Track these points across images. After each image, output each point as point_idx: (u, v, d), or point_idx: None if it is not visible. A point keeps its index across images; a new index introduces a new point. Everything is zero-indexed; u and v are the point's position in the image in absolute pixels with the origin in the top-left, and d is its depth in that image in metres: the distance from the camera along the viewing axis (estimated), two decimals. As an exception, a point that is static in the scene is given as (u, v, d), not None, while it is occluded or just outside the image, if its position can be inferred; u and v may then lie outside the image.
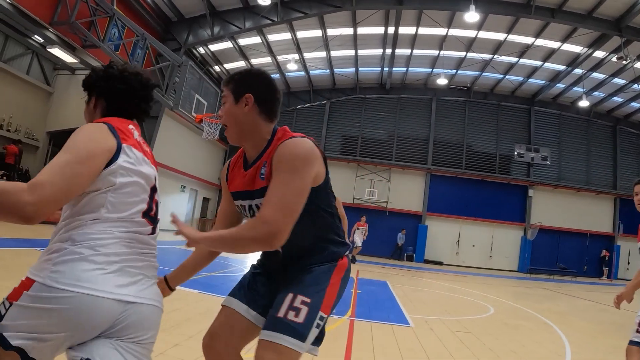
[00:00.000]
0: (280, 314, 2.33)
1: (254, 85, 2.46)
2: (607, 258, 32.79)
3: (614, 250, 32.87)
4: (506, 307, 12.02)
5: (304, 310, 2.35)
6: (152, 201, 2.18)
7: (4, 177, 19.30)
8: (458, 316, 9.51)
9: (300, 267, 2.54)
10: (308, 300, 2.37)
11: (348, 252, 2.66)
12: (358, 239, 23.10)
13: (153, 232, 2.18)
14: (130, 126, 2.24)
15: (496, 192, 33.98)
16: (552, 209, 33.61)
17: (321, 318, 2.39)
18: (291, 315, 2.31)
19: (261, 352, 2.27)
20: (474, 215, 33.49)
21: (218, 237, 2.25)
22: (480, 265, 32.70)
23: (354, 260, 22.95)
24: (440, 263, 31.82)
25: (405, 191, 33.97)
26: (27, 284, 1.86)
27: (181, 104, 15.43)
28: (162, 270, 2.49)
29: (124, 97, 2.31)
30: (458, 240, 33.39)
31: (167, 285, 2.75)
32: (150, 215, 2.16)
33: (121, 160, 2.03)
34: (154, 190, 2.21)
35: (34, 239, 11.95)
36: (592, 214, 33.90)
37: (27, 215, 1.69)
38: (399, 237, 31.87)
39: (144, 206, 2.12)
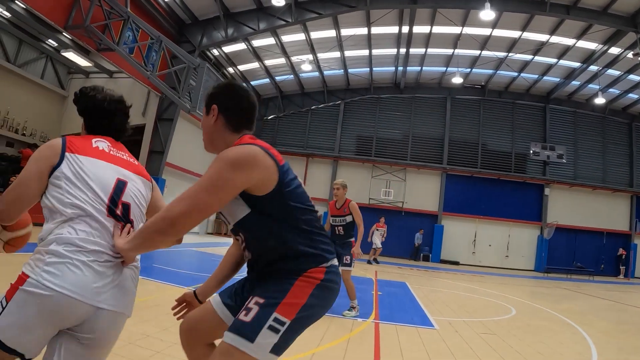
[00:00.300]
0: (237, 316, 2.33)
1: (220, 97, 2.56)
2: (623, 257, 32.41)
3: (631, 249, 32.54)
4: (527, 308, 11.89)
5: (254, 309, 2.29)
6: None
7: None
8: (481, 317, 9.43)
9: (267, 275, 2.48)
10: (261, 300, 2.31)
11: (326, 265, 2.45)
12: (377, 240, 23.15)
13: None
14: (98, 142, 2.60)
15: (512, 191, 33.78)
16: (568, 208, 33.36)
17: (278, 321, 2.27)
18: (242, 315, 2.28)
19: (215, 350, 2.34)
20: (490, 215, 33.29)
21: (133, 239, 2.29)
22: (496, 265, 32.51)
23: (376, 262, 22.95)
24: (456, 263, 31.67)
25: (420, 191, 33.85)
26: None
27: (198, 106, 15.30)
28: (184, 275, 2.51)
29: (91, 116, 2.74)
30: (474, 240, 33.18)
31: (197, 299, 2.89)
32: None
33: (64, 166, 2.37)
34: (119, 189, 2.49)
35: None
36: (608, 213, 33.56)
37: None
38: (416, 237, 31.69)
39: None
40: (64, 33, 18.55)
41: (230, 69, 29.31)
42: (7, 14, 19.61)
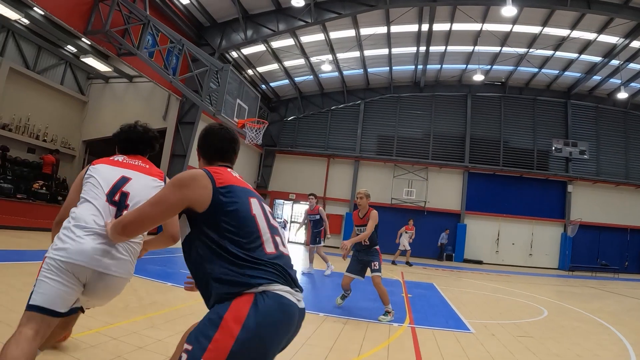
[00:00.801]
0: None
1: (199, 140, 3.15)
2: (648, 254, 31.95)
3: (656, 246, 32.06)
4: (557, 308, 11.74)
5: (183, 358, 2.24)
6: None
7: (43, 187, 19.42)
8: (514, 319, 9.34)
9: (208, 306, 2.52)
10: (189, 347, 2.24)
11: (254, 291, 2.35)
12: (405, 241, 23.35)
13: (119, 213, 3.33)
14: (117, 157, 3.74)
15: (535, 189, 33.41)
16: (591, 205, 32.91)
17: None
18: None
19: None
20: (513, 213, 32.96)
21: (109, 229, 3.03)
22: (520, 264, 32.20)
23: (409, 264, 23.20)
24: (480, 262, 31.44)
25: (443, 190, 33.65)
26: None
27: (223, 109, 15.27)
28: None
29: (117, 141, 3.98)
30: (497, 239, 32.89)
31: None
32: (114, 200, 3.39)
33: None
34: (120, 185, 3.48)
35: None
36: (632, 209, 33.06)
37: None
38: (441, 237, 31.41)
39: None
40: (83, 39, 18.64)
41: (250, 71, 29.26)
42: (26, 21, 19.70)
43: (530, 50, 28.11)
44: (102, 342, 4.76)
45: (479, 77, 29.21)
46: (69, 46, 22.93)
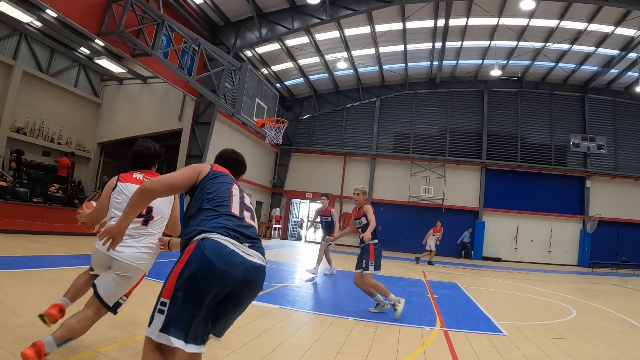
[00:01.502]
0: None
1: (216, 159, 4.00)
2: (669, 249, 31.55)
3: (677, 241, 31.69)
4: (585, 307, 11.48)
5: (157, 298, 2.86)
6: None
7: (59, 191, 19.32)
8: (544, 320, 9.10)
9: None
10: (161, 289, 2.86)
11: (198, 238, 2.91)
12: (432, 243, 23.16)
13: (144, 223, 4.30)
14: (135, 174, 4.61)
15: (553, 184, 33.12)
16: (610, 200, 32.50)
17: (162, 303, 2.77)
18: None
19: None
20: (531, 209, 32.64)
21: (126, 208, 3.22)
22: (539, 261, 31.93)
23: (430, 264, 22.85)
24: (498, 260, 31.17)
25: (460, 187, 33.44)
26: None
27: (242, 109, 14.99)
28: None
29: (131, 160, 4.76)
30: (516, 236, 32.58)
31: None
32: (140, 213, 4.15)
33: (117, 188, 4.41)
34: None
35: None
36: (651, 204, 32.69)
37: None
38: (464, 236, 31.06)
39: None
40: (96, 40, 18.51)
41: (264, 70, 29.11)
42: (38, 24, 19.64)
43: (547, 44, 27.81)
44: (129, 357, 4.60)
45: (496, 72, 28.95)
46: (82, 48, 22.91)
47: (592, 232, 31.11)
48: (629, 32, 25.72)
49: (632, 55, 27.89)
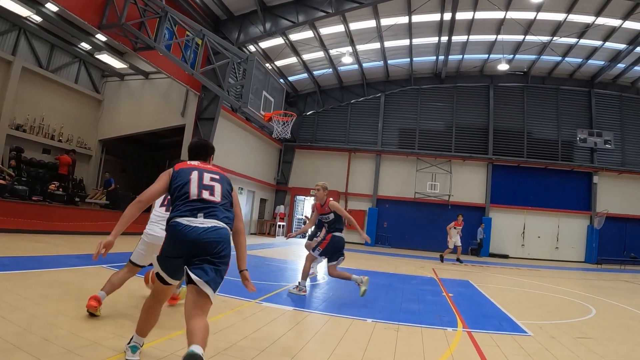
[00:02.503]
0: None
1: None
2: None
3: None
4: (603, 305, 11.20)
5: None
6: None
7: (59, 188, 18.88)
8: (565, 319, 8.82)
9: None
10: None
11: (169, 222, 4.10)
12: (457, 238, 22.54)
13: (167, 210, 6.06)
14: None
15: (560, 180, 32.91)
16: (617, 196, 32.33)
17: (157, 258, 4.12)
18: None
19: None
20: (538, 205, 32.47)
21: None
22: (546, 257, 31.72)
23: (459, 262, 22.28)
24: (505, 256, 30.87)
25: (467, 183, 33.22)
26: None
27: (249, 102, 14.47)
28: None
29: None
30: (523, 232, 32.34)
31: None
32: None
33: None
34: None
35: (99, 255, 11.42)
36: (659, 200, 32.48)
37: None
38: (478, 232, 30.82)
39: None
40: (97, 35, 18.16)
41: (268, 65, 28.61)
42: (38, 19, 19.33)
43: (554, 38, 27.51)
44: None
45: (503, 67, 28.50)
46: (82, 44, 22.60)
47: (599, 229, 30.80)
48: (637, 25, 25.48)
49: (639, 49, 27.59)
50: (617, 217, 31.62)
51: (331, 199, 12.87)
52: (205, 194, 4.15)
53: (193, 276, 3.74)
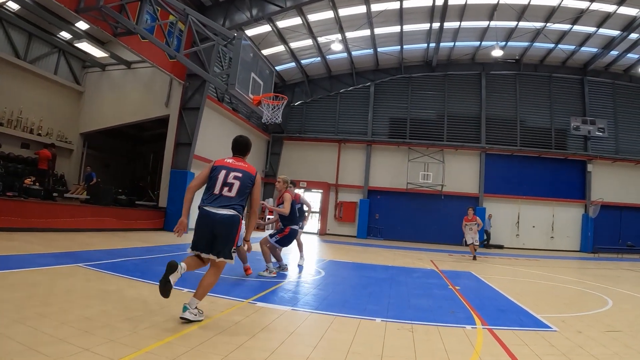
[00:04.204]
0: None
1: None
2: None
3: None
4: (617, 295, 10.65)
5: None
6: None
7: (36, 183, 17.85)
8: (585, 311, 8.25)
9: None
10: None
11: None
12: (473, 233, 19.74)
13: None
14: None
15: (554, 169, 32.65)
16: (612, 184, 32.13)
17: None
18: None
19: None
20: (533, 195, 32.15)
21: None
22: (541, 247, 31.40)
23: (473, 259, 19.57)
24: (500, 247, 30.37)
25: (460, 173, 32.77)
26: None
27: (237, 83, 13.55)
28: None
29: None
30: (517, 222, 31.99)
31: None
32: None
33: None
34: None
35: (76, 252, 10.54)
36: (652, 187, 32.35)
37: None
38: (486, 223, 30.02)
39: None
40: (76, 24, 17.30)
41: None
42: (15, 6, 18.58)
43: (548, 24, 27.12)
44: None
45: (497, 53, 28.05)
46: (62, 32, 21.83)
47: (594, 217, 30.53)
48: (632, 11, 25.21)
49: (634, 36, 27.37)
50: (612, 206, 31.40)
51: (293, 191, 12.05)
52: (225, 190, 5.72)
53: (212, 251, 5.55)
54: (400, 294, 8.73)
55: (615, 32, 27.75)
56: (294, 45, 28.59)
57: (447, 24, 27.21)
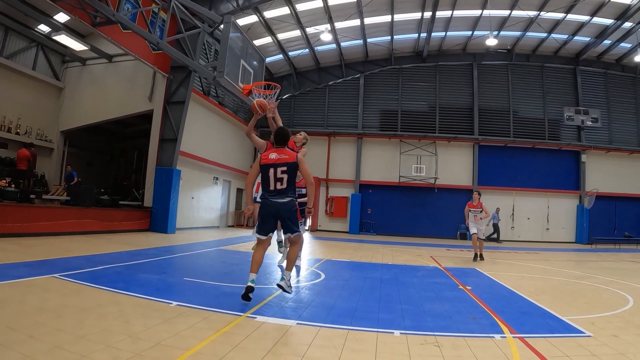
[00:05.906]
0: None
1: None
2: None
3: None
4: (634, 290, 10.03)
5: None
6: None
7: (12, 185, 16.90)
8: (609, 310, 7.62)
9: None
10: None
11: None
12: (477, 226, 16.63)
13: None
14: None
15: (548, 160, 32.52)
16: (606, 174, 32.16)
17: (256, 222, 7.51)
18: None
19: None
20: (527, 186, 31.99)
21: None
22: (537, 239, 31.33)
23: (481, 258, 16.41)
24: (495, 240, 29.71)
25: (453, 165, 32.46)
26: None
27: (226, 71, 12.71)
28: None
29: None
30: (512, 214, 31.75)
31: None
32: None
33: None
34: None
35: (52, 260, 9.65)
36: (646, 177, 32.19)
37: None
38: (493, 217, 29.41)
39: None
40: (55, 17, 16.48)
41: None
42: (-13, 0, 17.64)
43: (541, 13, 26.77)
44: None
45: (492, 42, 27.23)
46: (40, 26, 20.91)
47: (589, 208, 30.46)
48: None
49: (627, 25, 27.08)
50: (607, 196, 31.35)
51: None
52: (278, 185, 6.82)
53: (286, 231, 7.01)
54: (411, 298, 7.94)
55: (609, 21, 27.53)
56: (281, 36, 27.97)
57: (439, 13, 26.78)
